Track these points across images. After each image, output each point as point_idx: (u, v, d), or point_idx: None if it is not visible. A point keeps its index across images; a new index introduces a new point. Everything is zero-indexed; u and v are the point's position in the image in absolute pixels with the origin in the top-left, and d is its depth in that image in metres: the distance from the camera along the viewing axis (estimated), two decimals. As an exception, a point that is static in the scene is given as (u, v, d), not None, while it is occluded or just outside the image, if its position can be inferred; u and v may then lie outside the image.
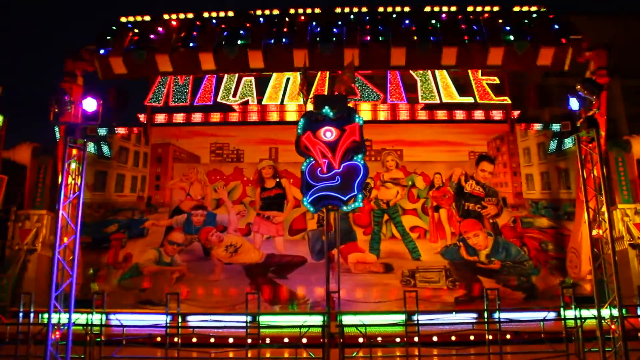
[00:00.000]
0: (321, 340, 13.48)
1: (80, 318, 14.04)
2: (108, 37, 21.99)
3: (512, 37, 21.43)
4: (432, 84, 22.71)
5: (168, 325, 14.66)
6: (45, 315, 13.16)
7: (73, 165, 13.46)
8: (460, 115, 22.88)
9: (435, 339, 15.34)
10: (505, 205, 22.08)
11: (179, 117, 23.34)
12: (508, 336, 15.22)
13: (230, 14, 22.70)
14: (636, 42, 29.70)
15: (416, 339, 13.83)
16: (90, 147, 21.68)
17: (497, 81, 22.70)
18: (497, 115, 22.89)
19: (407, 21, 22.26)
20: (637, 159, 20.49)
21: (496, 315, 15.12)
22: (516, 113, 22.78)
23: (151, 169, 22.99)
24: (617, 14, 32.76)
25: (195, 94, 23.10)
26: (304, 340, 14.30)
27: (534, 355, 13.77)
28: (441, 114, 22.94)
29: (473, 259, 21.31)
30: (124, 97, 22.93)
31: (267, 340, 15.16)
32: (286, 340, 15.18)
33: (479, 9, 22.59)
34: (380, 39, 21.89)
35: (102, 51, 21.57)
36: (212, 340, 15.81)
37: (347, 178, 13.18)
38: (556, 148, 22.07)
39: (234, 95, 22.99)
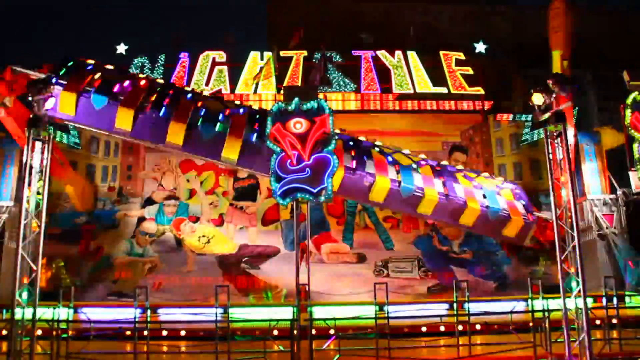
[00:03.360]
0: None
1: (46, 312, 13.78)
2: (63, 70, 16.11)
3: None
4: (406, 74, 22.69)
5: (137, 319, 14.45)
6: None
7: (38, 157, 13.12)
8: (433, 105, 22.90)
9: (406, 329, 15.45)
10: (478, 196, 22.19)
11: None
12: (478, 327, 15.37)
13: (206, 93, 18.70)
14: (607, 34, 29.95)
15: (387, 330, 13.86)
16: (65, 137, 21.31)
17: (471, 71, 22.77)
18: (470, 105, 22.96)
19: None
20: (606, 150, 20.75)
21: (467, 305, 15.23)
22: (489, 104, 22.88)
23: (122, 158, 22.65)
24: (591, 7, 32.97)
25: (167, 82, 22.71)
26: (275, 333, 14.32)
27: (503, 346, 13.90)
28: (414, 104, 22.94)
29: (445, 249, 21.48)
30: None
31: (238, 333, 15.13)
32: (257, 332, 15.15)
33: None
34: None
35: (53, 80, 14.10)
36: (183, 333, 15.72)
37: (317, 170, 13.12)
38: (530, 138, 22.26)
39: (207, 84, 22.71)
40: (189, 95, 16.63)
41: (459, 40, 25.36)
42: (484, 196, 15.71)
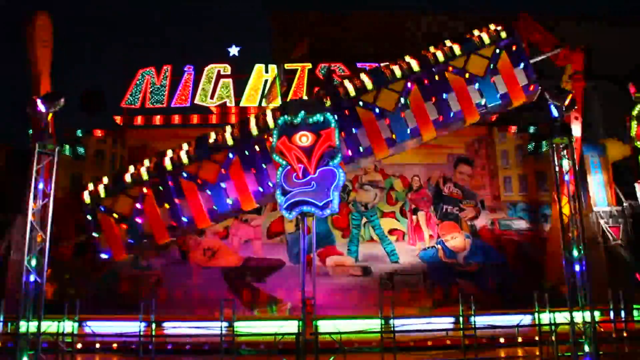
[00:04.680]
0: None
1: (52, 325, 13.75)
2: None
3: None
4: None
5: (142, 333, 14.36)
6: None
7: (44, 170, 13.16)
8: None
9: (412, 343, 15.33)
10: (483, 208, 22.18)
11: (155, 119, 23.03)
12: (484, 340, 15.24)
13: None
14: (615, 46, 29.86)
15: (393, 344, 13.77)
16: (66, 149, 21.39)
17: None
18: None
19: None
20: (612, 162, 20.68)
21: (472, 319, 15.10)
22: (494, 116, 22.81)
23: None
24: (600, 19, 32.90)
25: (172, 95, 22.85)
26: (280, 347, 14.25)
27: None
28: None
29: (451, 262, 21.39)
30: (99, 98, 22.61)
31: (243, 347, 15.06)
32: (262, 346, 15.08)
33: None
34: None
35: None
36: (188, 347, 15.65)
37: (322, 183, 13.13)
38: (534, 149, 22.23)
39: (212, 96, 22.80)
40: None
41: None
42: (480, 92, 16.41)
